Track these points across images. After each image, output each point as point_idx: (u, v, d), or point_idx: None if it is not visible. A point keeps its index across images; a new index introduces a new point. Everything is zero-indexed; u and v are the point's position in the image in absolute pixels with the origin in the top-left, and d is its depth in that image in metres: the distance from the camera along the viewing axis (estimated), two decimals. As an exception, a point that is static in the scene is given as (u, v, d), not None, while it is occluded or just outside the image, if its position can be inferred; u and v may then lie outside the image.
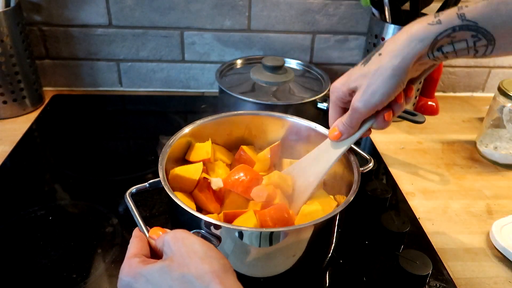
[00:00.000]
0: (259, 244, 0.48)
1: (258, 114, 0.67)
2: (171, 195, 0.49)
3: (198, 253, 0.38)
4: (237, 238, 0.47)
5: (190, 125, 0.63)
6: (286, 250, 0.49)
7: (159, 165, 0.54)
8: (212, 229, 0.47)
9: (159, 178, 0.52)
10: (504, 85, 0.80)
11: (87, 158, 0.82)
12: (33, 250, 0.60)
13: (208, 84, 1.07)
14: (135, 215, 0.49)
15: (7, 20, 0.84)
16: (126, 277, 0.39)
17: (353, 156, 0.57)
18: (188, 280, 0.35)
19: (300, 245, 0.49)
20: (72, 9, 0.94)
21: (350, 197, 0.50)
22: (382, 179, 0.79)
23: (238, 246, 0.48)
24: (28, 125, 0.89)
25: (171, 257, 0.38)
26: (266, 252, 0.49)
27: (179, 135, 0.61)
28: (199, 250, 0.38)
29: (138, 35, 0.98)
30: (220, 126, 0.66)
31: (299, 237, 0.49)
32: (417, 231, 0.67)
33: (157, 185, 0.53)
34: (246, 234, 0.47)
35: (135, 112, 1.00)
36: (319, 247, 0.54)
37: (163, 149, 0.57)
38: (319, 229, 0.49)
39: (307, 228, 0.48)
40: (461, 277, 0.60)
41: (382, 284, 0.58)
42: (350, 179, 0.56)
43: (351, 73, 0.49)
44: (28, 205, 0.68)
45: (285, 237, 0.47)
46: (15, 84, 0.89)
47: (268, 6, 0.96)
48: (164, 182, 0.51)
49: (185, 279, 0.36)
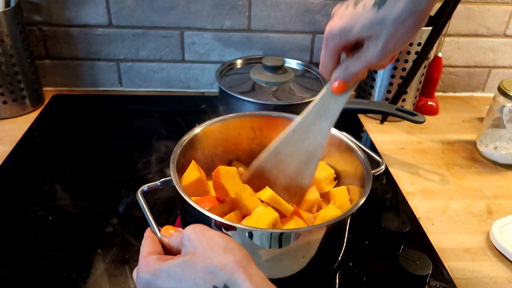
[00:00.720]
0: (270, 245, 0.47)
1: (270, 114, 0.67)
2: (182, 194, 0.49)
3: (220, 245, 0.37)
4: (247, 238, 0.47)
5: (201, 125, 0.63)
6: (296, 252, 0.49)
7: (171, 164, 0.53)
8: (223, 230, 0.47)
9: (170, 177, 0.52)
10: (504, 85, 0.80)
11: (87, 158, 0.82)
12: (33, 250, 0.60)
13: (208, 84, 1.07)
14: (146, 214, 0.49)
15: (7, 20, 0.84)
16: (145, 275, 0.38)
17: (364, 157, 0.57)
18: (212, 271, 0.35)
19: (311, 246, 0.49)
20: (72, 9, 0.94)
21: (361, 199, 0.50)
22: (382, 179, 0.79)
23: (248, 247, 0.48)
24: (28, 125, 0.89)
25: (192, 251, 0.38)
26: (275, 254, 0.48)
27: (191, 135, 0.61)
28: (220, 242, 0.38)
29: (138, 35, 0.98)
30: (230, 127, 0.66)
31: (310, 238, 0.48)
32: (417, 231, 0.67)
33: (168, 184, 0.53)
34: (256, 234, 0.47)
35: (135, 112, 1.00)
36: (330, 249, 0.53)
37: (175, 148, 0.57)
38: (330, 230, 0.49)
39: (319, 229, 0.48)
40: (461, 277, 0.60)
41: (382, 284, 0.58)
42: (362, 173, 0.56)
43: (355, 17, 0.42)
44: (28, 205, 0.68)
45: (296, 238, 0.47)
46: (15, 84, 0.89)
47: (268, 6, 0.96)
48: (175, 181, 0.51)
49: (208, 270, 0.35)
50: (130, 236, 0.63)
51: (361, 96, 1.01)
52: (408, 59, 0.90)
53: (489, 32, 1.03)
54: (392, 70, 0.92)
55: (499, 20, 1.02)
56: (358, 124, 0.97)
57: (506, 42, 1.05)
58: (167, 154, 0.56)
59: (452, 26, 1.01)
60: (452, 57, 1.07)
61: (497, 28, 1.03)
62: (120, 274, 0.57)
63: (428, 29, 0.87)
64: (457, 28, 1.02)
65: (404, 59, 0.90)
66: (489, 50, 1.06)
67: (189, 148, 0.61)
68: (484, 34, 1.03)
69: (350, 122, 0.98)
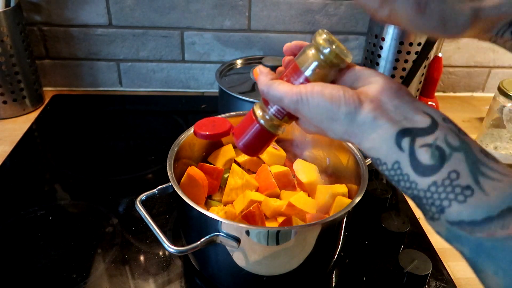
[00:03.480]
0: (267, 243, 0.48)
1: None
2: (184, 198, 0.49)
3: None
4: (245, 235, 0.47)
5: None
6: (292, 249, 0.49)
7: (168, 165, 0.54)
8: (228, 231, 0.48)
9: (170, 183, 0.52)
10: (504, 85, 0.80)
11: (87, 158, 0.82)
12: (33, 250, 0.60)
13: (208, 84, 1.07)
14: (150, 223, 0.49)
15: (7, 20, 0.84)
16: (291, 95, 0.37)
17: (357, 150, 0.58)
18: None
19: (307, 244, 0.50)
20: (72, 9, 0.94)
21: (357, 197, 0.51)
22: (382, 179, 0.79)
23: (246, 244, 0.48)
24: (28, 125, 0.89)
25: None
26: (272, 251, 0.49)
27: (188, 134, 0.61)
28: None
29: (138, 35, 0.98)
30: None
31: (306, 236, 0.49)
32: (417, 231, 0.67)
33: (166, 191, 0.54)
34: (253, 232, 0.47)
35: (135, 112, 1.00)
36: (326, 247, 0.54)
37: (172, 146, 0.58)
38: (326, 228, 0.49)
39: (315, 227, 0.49)
40: (461, 277, 0.60)
41: (382, 284, 0.58)
42: (357, 170, 0.56)
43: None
44: (28, 205, 0.68)
45: (293, 236, 0.48)
46: (15, 84, 0.89)
47: (268, 6, 0.96)
48: (175, 186, 0.51)
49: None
50: (130, 236, 0.63)
51: (361, 96, 1.01)
52: (408, 59, 0.90)
53: (489, 32, 1.03)
54: (392, 70, 0.92)
55: (499, 20, 1.01)
56: (358, 124, 0.97)
57: (506, 42, 1.05)
58: (167, 154, 0.56)
59: (452, 26, 1.01)
60: (452, 57, 1.07)
61: (497, 28, 1.03)
62: (120, 274, 0.57)
63: (428, 29, 0.86)
64: (457, 28, 1.02)
65: (404, 59, 0.90)
66: (489, 50, 1.06)
67: (187, 147, 0.61)
68: (484, 34, 1.03)
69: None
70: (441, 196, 0.30)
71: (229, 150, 0.65)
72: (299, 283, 0.54)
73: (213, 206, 0.59)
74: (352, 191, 0.59)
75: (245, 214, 0.54)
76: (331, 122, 0.36)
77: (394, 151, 0.33)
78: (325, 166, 0.66)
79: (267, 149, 0.65)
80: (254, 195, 0.57)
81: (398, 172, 0.33)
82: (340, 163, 0.63)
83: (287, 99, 0.37)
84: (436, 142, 0.31)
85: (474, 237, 0.29)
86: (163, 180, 0.54)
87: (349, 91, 0.35)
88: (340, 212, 0.49)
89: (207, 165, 0.62)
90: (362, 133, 0.35)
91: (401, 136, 0.33)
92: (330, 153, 0.65)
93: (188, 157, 0.62)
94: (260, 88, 0.40)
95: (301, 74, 0.39)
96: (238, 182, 0.59)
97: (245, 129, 0.44)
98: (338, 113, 0.35)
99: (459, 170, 0.30)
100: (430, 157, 0.31)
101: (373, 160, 0.35)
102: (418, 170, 0.31)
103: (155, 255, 0.60)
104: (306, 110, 0.37)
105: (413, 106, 0.34)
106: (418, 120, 0.33)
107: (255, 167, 0.65)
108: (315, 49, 0.38)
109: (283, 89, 0.38)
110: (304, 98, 0.36)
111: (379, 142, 0.34)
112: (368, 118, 0.34)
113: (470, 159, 0.30)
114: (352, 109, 0.34)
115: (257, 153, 0.46)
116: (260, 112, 0.42)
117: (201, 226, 0.50)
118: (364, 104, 0.34)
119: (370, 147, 0.35)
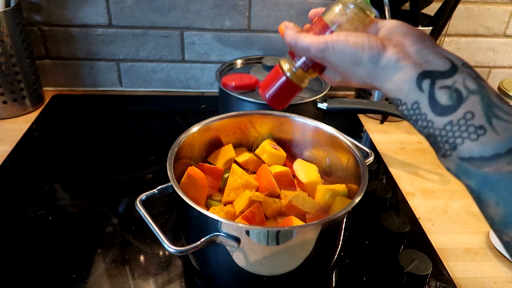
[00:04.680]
0: (267, 243, 0.48)
1: (269, 114, 0.68)
2: (184, 198, 0.49)
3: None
4: (244, 235, 0.47)
5: (198, 124, 0.63)
6: (292, 249, 0.49)
7: (168, 171, 0.53)
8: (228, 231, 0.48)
9: (170, 183, 0.52)
10: (504, 85, 0.80)
11: (87, 158, 0.82)
12: (33, 250, 0.60)
13: (208, 84, 1.07)
14: (150, 223, 0.49)
15: (7, 20, 0.84)
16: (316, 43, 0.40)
17: (357, 150, 0.57)
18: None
19: (307, 244, 0.50)
20: (72, 9, 0.94)
21: (357, 197, 0.51)
22: (382, 179, 0.80)
23: (247, 244, 0.48)
24: (28, 125, 0.89)
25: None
26: (272, 251, 0.49)
27: (188, 134, 0.61)
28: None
29: (138, 35, 0.98)
30: (227, 126, 0.66)
31: (306, 236, 0.49)
32: (417, 231, 0.67)
33: (166, 191, 0.54)
34: (253, 232, 0.47)
35: (135, 112, 1.00)
36: (326, 247, 0.54)
37: (172, 146, 0.58)
38: (326, 228, 0.49)
39: (315, 227, 0.49)
40: (461, 277, 0.60)
41: (382, 284, 0.58)
42: (356, 170, 0.56)
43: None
44: (28, 205, 0.68)
45: (293, 236, 0.48)
46: (15, 84, 0.89)
47: (268, 6, 0.96)
48: (175, 186, 0.51)
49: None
50: (130, 236, 0.63)
51: (361, 96, 1.01)
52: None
53: (489, 32, 1.03)
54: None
55: (499, 20, 1.02)
56: (358, 124, 0.97)
57: (506, 42, 1.05)
58: (167, 154, 0.56)
59: (452, 26, 1.01)
60: (452, 57, 1.07)
61: (497, 28, 1.03)
62: (120, 274, 0.57)
63: (428, 29, 0.87)
64: (457, 28, 1.02)
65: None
66: (489, 50, 1.06)
67: (187, 147, 0.61)
68: (484, 34, 1.03)
69: (350, 122, 0.98)
70: (455, 135, 0.33)
71: (229, 150, 0.65)
72: (299, 283, 0.54)
73: (213, 206, 0.59)
74: (352, 191, 0.59)
75: (245, 214, 0.54)
76: (355, 67, 0.38)
77: (414, 91, 0.35)
78: (325, 166, 0.66)
79: (267, 149, 0.65)
80: (254, 195, 0.57)
81: (417, 112, 0.35)
82: (340, 163, 0.63)
83: (314, 48, 0.40)
84: (454, 85, 0.34)
85: (482, 172, 0.32)
86: (163, 180, 0.54)
87: (372, 37, 0.38)
88: (340, 212, 0.49)
89: (207, 165, 0.62)
90: (385, 75, 0.37)
91: (422, 78, 0.35)
92: (330, 153, 0.65)
93: (188, 157, 0.62)
94: (288, 41, 0.43)
95: (327, 28, 0.41)
96: (238, 182, 0.59)
97: (271, 82, 0.47)
98: (362, 58, 0.37)
99: (474, 111, 0.33)
100: (448, 98, 0.33)
101: (394, 101, 0.37)
102: (436, 110, 0.34)
103: (155, 255, 0.60)
104: (332, 57, 0.39)
105: (434, 50, 0.36)
106: (439, 63, 0.35)
107: (255, 167, 0.65)
108: (342, 4, 0.41)
109: (310, 39, 0.40)
110: (330, 45, 0.39)
111: (401, 83, 0.36)
112: (391, 61, 0.36)
113: (485, 102, 0.33)
114: (375, 53, 0.37)
115: (282, 105, 0.48)
116: (287, 65, 0.46)
117: (201, 226, 0.50)
118: (388, 48, 0.37)
119: (391, 88, 0.37)
